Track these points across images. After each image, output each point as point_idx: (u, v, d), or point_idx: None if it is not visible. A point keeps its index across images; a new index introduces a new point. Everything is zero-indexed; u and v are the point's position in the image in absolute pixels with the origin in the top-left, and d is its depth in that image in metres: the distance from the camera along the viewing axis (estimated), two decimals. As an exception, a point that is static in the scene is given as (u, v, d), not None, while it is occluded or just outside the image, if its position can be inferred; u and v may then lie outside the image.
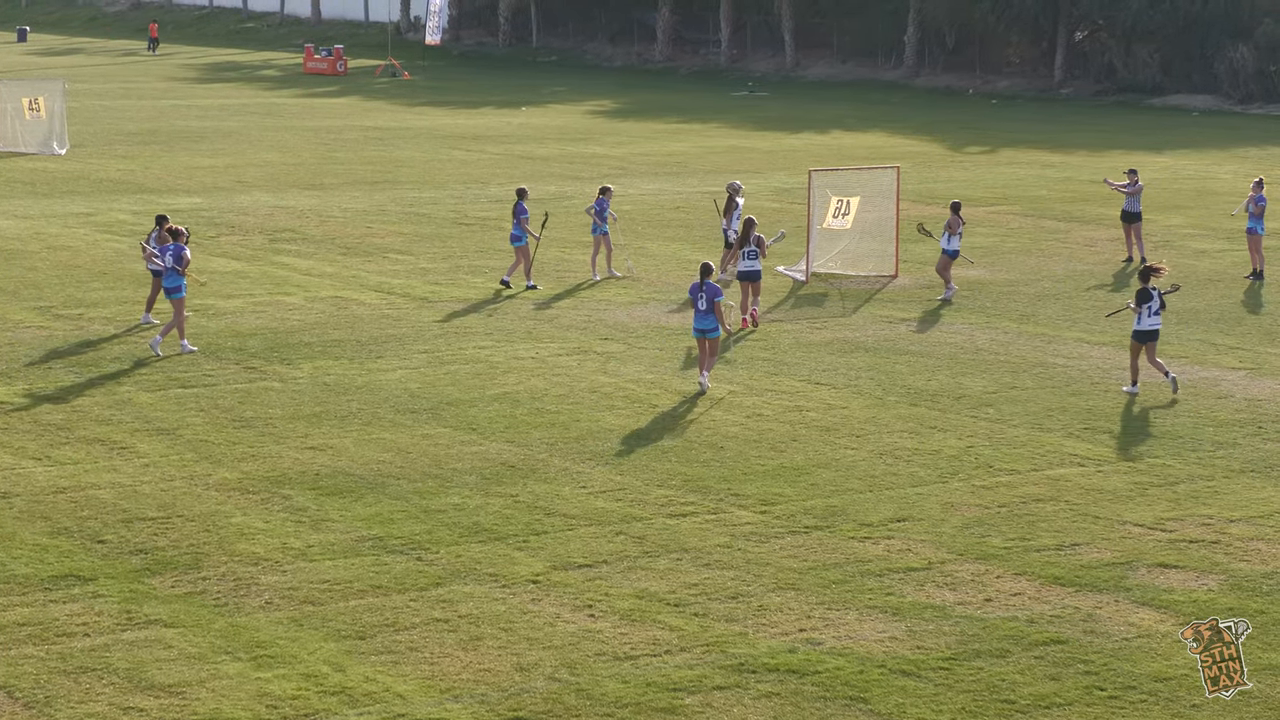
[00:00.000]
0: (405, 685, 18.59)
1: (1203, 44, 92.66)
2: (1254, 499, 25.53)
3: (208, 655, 19.26)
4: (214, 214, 49.81)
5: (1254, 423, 29.68)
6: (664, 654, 19.53)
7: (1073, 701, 18.53)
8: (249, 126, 74.47)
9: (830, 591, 21.54)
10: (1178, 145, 73.62)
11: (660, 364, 32.92)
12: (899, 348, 34.80)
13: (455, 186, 56.98)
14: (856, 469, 26.62)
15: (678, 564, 22.39)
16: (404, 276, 41.10)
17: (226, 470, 25.90)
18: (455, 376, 31.73)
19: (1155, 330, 31.32)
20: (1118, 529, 24.09)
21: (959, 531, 23.85)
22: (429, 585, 21.48)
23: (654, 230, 48.52)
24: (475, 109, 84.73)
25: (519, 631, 20.08)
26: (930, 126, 79.61)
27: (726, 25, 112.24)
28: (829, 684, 18.81)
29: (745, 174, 61.09)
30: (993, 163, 66.79)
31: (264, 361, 32.52)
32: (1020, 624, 20.61)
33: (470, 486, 25.34)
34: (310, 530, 23.35)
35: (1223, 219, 51.64)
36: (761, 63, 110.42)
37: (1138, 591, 21.74)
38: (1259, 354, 34.76)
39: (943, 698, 18.55)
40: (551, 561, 22.35)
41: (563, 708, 18.12)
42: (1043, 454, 27.67)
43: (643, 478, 25.96)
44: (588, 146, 69.68)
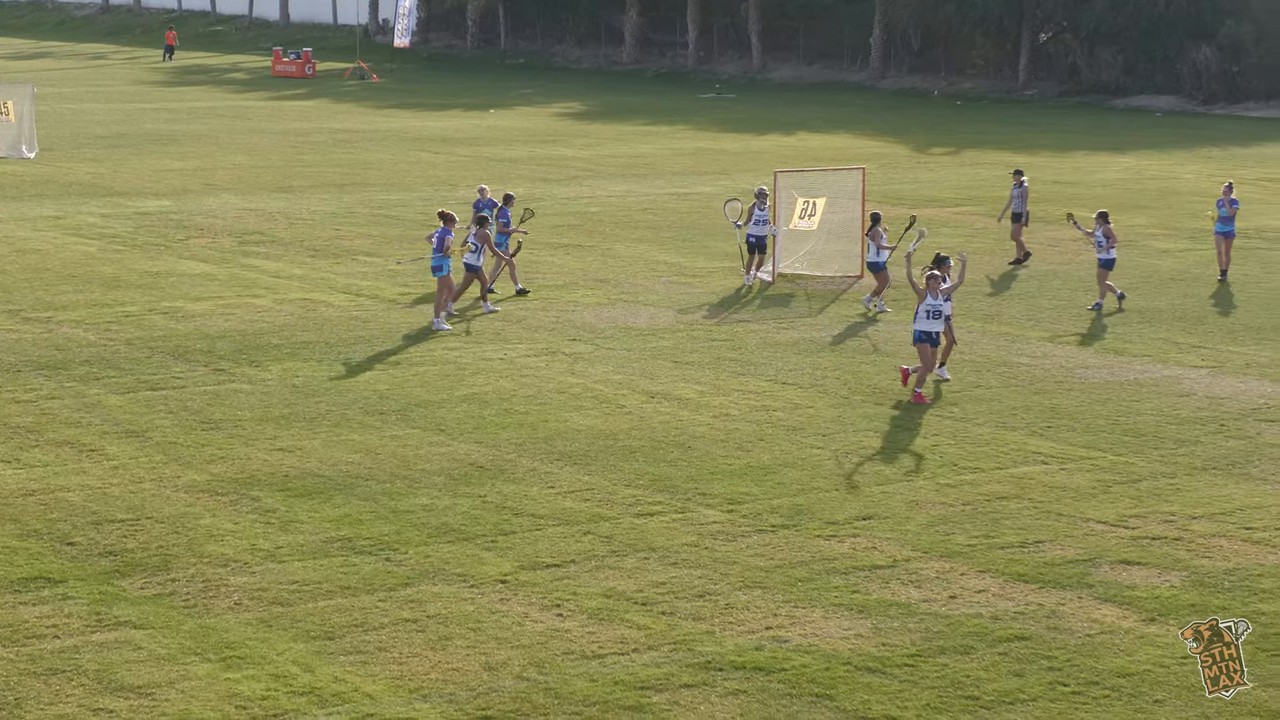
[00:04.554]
0: (374, 685, 18.59)
1: (1165, 45, 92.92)
2: (1216, 496, 25.63)
3: (177, 656, 19.24)
4: (183, 217, 49.73)
5: (1216, 420, 29.78)
6: (631, 652, 19.55)
7: (1036, 697, 18.58)
8: (217, 129, 74.36)
9: (796, 589, 21.57)
10: (1141, 146, 73.84)
11: (627, 364, 32.95)
12: (864, 347, 34.87)
13: (424, 189, 56.94)
14: (822, 468, 26.67)
15: (645, 563, 22.42)
16: (372, 278, 41.08)
17: (195, 472, 25.87)
18: (423, 378, 31.73)
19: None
20: (1081, 526, 24.17)
21: (924, 529, 23.91)
22: (397, 585, 21.48)
23: (622, 231, 48.54)
24: (443, 111, 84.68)
25: (487, 631, 20.09)
26: (895, 128, 79.73)
27: (693, 28, 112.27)
28: (795, 681, 18.85)
29: (711, 176, 61.25)
30: (957, 164, 66.91)
31: (233, 364, 32.49)
32: (984, 621, 20.66)
33: (438, 487, 25.34)
34: (279, 531, 23.34)
35: (1186, 219, 51.81)
36: (728, 65, 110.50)
37: (1101, 588, 21.81)
38: (1221, 352, 34.88)
39: (908, 694, 18.59)
40: (519, 561, 22.36)
41: (531, 707, 18.13)
42: (1006, 452, 27.75)
43: (610, 477, 25.99)
44: (556, 148, 69.69)
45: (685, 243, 47.07)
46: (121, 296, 38.21)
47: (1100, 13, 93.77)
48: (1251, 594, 21.66)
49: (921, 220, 42.03)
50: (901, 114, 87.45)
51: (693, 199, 55.31)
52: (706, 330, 36.11)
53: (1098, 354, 34.44)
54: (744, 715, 18.02)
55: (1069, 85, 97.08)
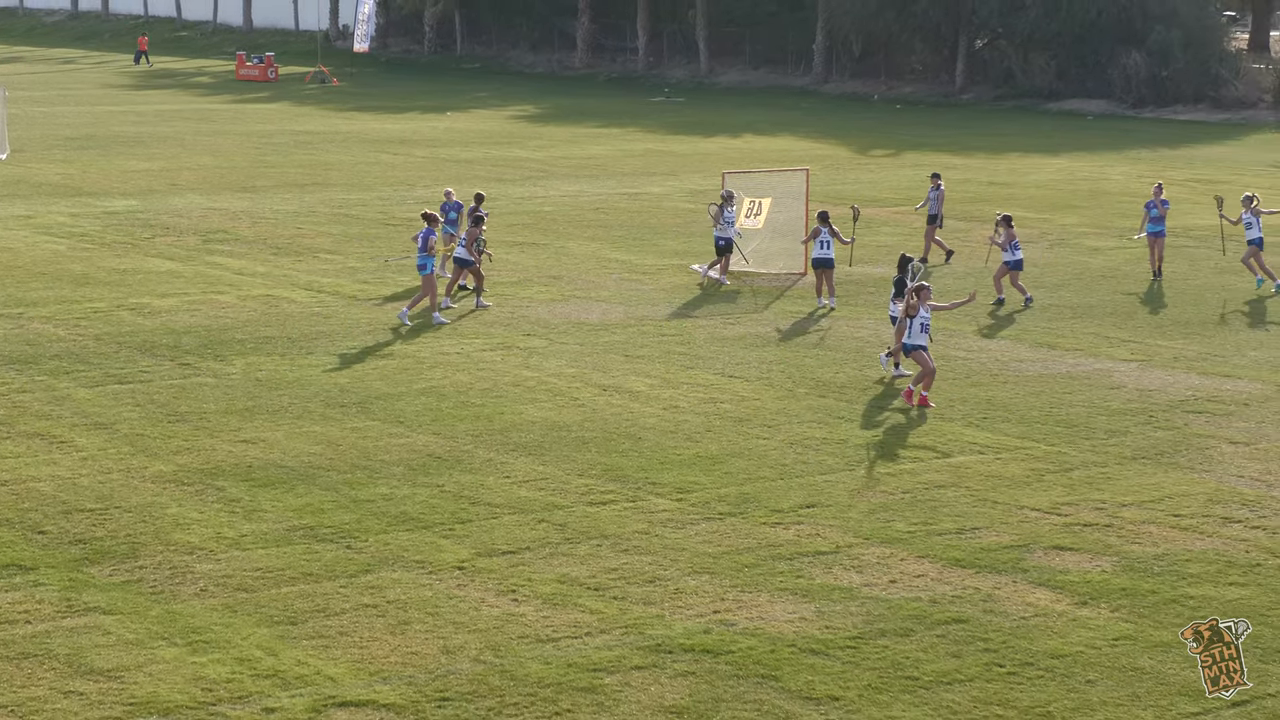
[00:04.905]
0: (336, 668, 18.56)
1: (1097, 51, 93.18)
2: (1145, 484, 25.73)
3: (145, 641, 19.19)
4: (149, 216, 49.55)
5: (1145, 412, 29.90)
6: (584, 636, 19.56)
7: (973, 678, 18.64)
8: (183, 131, 74.09)
9: (743, 575, 21.60)
10: (1073, 148, 74.06)
11: (580, 359, 32.94)
12: (809, 342, 34.93)
13: (383, 189, 56.83)
14: (768, 458, 26.70)
15: (598, 550, 22.43)
16: (333, 275, 40.99)
17: (162, 463, 25.79)
18: (383, 371, 31.67)
19: (894, 317, 31.59)
20: (1015, 513, 24.25)
21: (865, 517, 23.96)
22: (358, 572, 21.45)
23: (574, 230, 48.52)
24: (402, 114, 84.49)
25: (445, 616, 20.08)
26: (838, 131, 79.82)
27: (643, 34, 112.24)
28: (742, 663, 18.88)
29: (661, 176, 61.25)
30: (897, 165, 67.01)
31: (198, 358, 32.39)
32: (923, 604, 20.72)
33: (398, 477, 25.31)
34: (243, 520, 23.28)
35: (1117, 218, 51.98)
36: (677, 70, 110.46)
37: (1034, 573, 21.88)
38: (1150, 346, 35.01)
39: (850, 675, 18.64)
40: (476, 549, 22.35)
41: (487, 688, 18.13)
42: (944, 442, 27.82)
43: (564, 467, 25.98)
44: (510, 150, 69.61)
45: (635, 241, 47.07)
46: (90, 293, 38.06)
47: (1034, 20, 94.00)
48: (1180, 578, 21.76)
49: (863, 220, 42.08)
50: (843, 117, 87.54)
51: (643, 199, 55.31)
52: (656, 325, 36.12)
53: (1031, 348, 34.55)
54: (693, 696, 18.04)
55: (1004, 90, 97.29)
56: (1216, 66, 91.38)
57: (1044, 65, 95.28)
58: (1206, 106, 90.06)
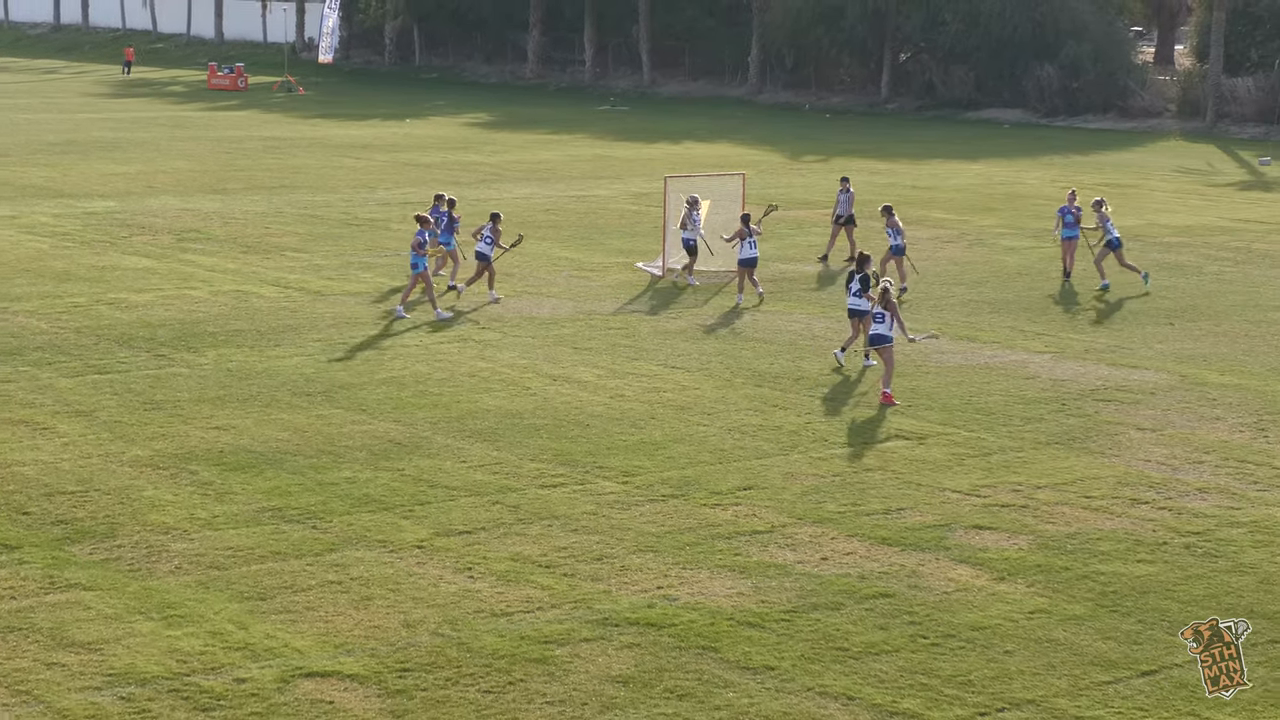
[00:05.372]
0: (302, 641, 18.47)
1: (1013, 64, 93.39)
2: (1059, 468, 25.80)
3: (123, 615, 19.06)
4: (126, 216, 49.23)
5: (1058, 400, 29.97)
6: (536, 610, 19.51)
7: (899, 649, 18.66)
8: (158, 137, 73.65)
9: (685, 553, 21.57)
10: (990, 155, 74.23)
11: (532, 351, 32.85)
12: (745, 335, 34.91)
13: (346, 191, 56.59)
14: (708, 443, 26.68)
15: (549, 530, 22.37)
16: (300, 272, 40.80)
17: (139, 448, 25.63)
18: (346, 363, 31.54)
19: (858, 310, 31.61)
20: (938, 495, 24.28)
21: (798, 498, 23.96)
22: (323, 551, 21.35)
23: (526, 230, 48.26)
24: (364, 121, 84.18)
25: (405, 592, 20.00)
26: (771, 138, 79.82)
27: (590, 47, 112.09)
28: (684, 635, 18.85)
29: (607, 180, 61.16)
30: (827, 170, 66.98)
31: (172, 350, 32.20)
32: (852, 580, 20.72)
33: (360, 462, 25.20)
34: (215, 502, 23.15)
35: (1031, 220, 52.10)
36: (622, 80, 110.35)
37: (956, 550, 21.91)
38: (1062, 339, 35.11)
39: (784, 646, 18.63)
40: (435, 529, 22.27)
41: (445, 660, 18.06)
42: (872, 429, 27.85)
43: (517, 453, 25.91)
44: (466, 155, 69.39)
45: (583, 240, 47.00)
46: (71, 289, 37.80)
47: (954, 35, 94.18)
48: (1091, 556, 21.82)
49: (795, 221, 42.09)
50: (777, 125, 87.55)
51: (590, 201, 55.21)
52: (603, 320, 36.06)
53: (952, 341, 34.59)
54: (638, 666, 18.01)
55: (926, 100, 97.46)
56: (1124, 78, 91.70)
57: (963, 77, 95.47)
58: (1115, 115, 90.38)
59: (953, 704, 17.32)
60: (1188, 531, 22.89)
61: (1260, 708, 17.14)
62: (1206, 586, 20.79)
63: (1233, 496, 24.54)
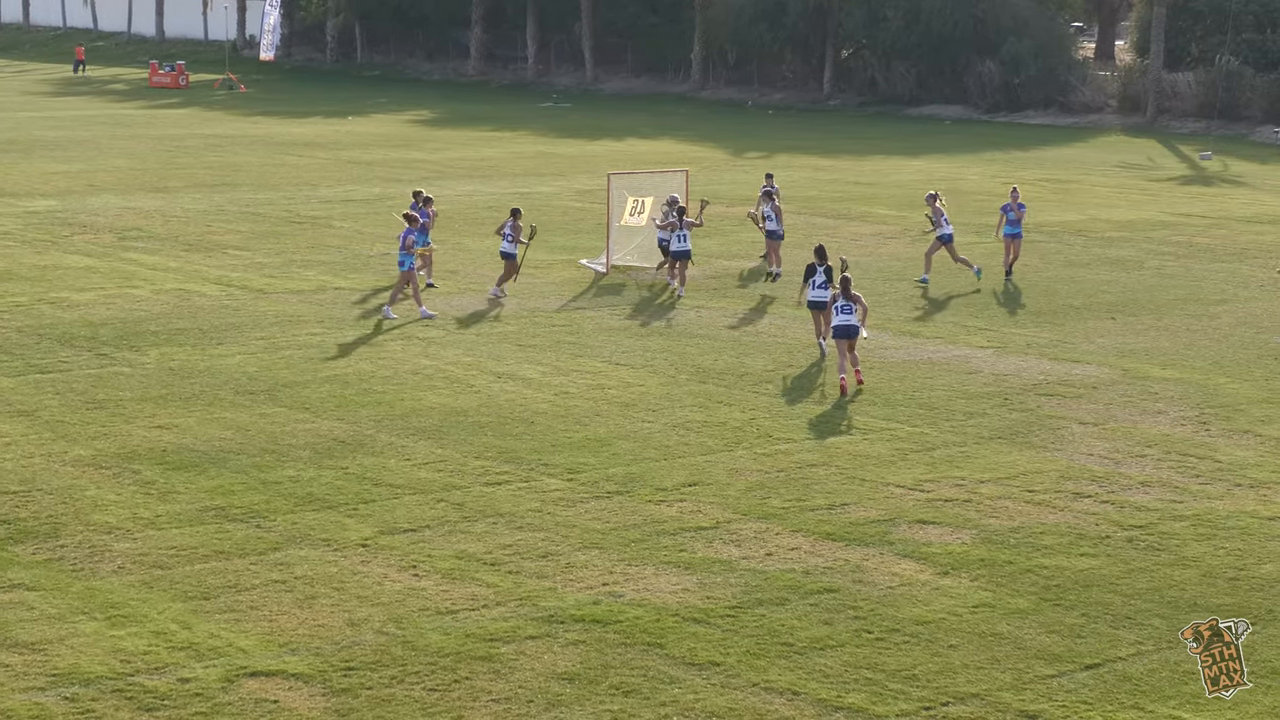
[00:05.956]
0: (247, 640, 18.40)
1: (953, 60, 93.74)
2: (1001, 462, 25.90)
3: (66, 615, 18.96)
4: (68, 215, 48.97)
5: (1000, 395, 30.09)
6: (482, 608, 19.48)
7: (844, 643, 18.70)
8: (99, 136, 73.28)
9: (630, 549, 21.58)
10: (932, 151, 74.46)
11: (476, 348, 32.81)
12: (690, 332, 34.93)
13: (288, 188, 56.41)
14: (653, 440, 26.68)
15: (494, 527, 22.34)
16: (242, 270, 40.64)
17: (81, 448, 25.49)
18: (289, 360, 31.43)
19: (821, 301, 31.80)
20: (882, 490, 24.34)
21: (743, 494, 23.98)
22: (267, 550, 21.27)
23: (469, 228, 48.29)
24: (305, 118, 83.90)
25: (350, 590, 19.95)
26: (714, 135, 79.91)
27: (533, 43, 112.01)
28: (629, 632, 18.85)
29: (550, 177, 61.13)
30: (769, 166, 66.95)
31: (114, 349, 32.04)
32: (797, 575, 20.76)
33: (304, 460, 25.13)
34: (158, 501, 23.05)
35: (972, 215, 52.24)
36: (564, 77, 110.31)
37: (900, 545, 21.97)
38: (1004, 334, 35.24)
39: (730, 641, 18.65)
40: (379, 527, 22.22)
41: (390, 658, 18.02)
42: (816, 424, 27.90)
43: (461, 450, 25.87)
44: (408, 152, 69.26)
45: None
46: (12, 288, 37.56)
47: (895, 32, 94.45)
48: (1035, 549, 21.90)
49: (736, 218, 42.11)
50: (719, 122, 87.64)
51: (533, 197, 55.13)
52: (547, 316, 36.03)
53: (895, 336, 34.70)
54: (583, 663, 18.01)
55: (868, 96, 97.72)
56: (1065, 74, 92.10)
57: (905, 74, 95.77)
58: (1055, 111, 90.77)
59: (898, 698, 17.37)
60: (1131, 525, 23.00)
61: (1204, 700, 17.23)
62: (1149, 580, 20.90)
63: (1175, 490, 24.68)
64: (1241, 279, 42.61)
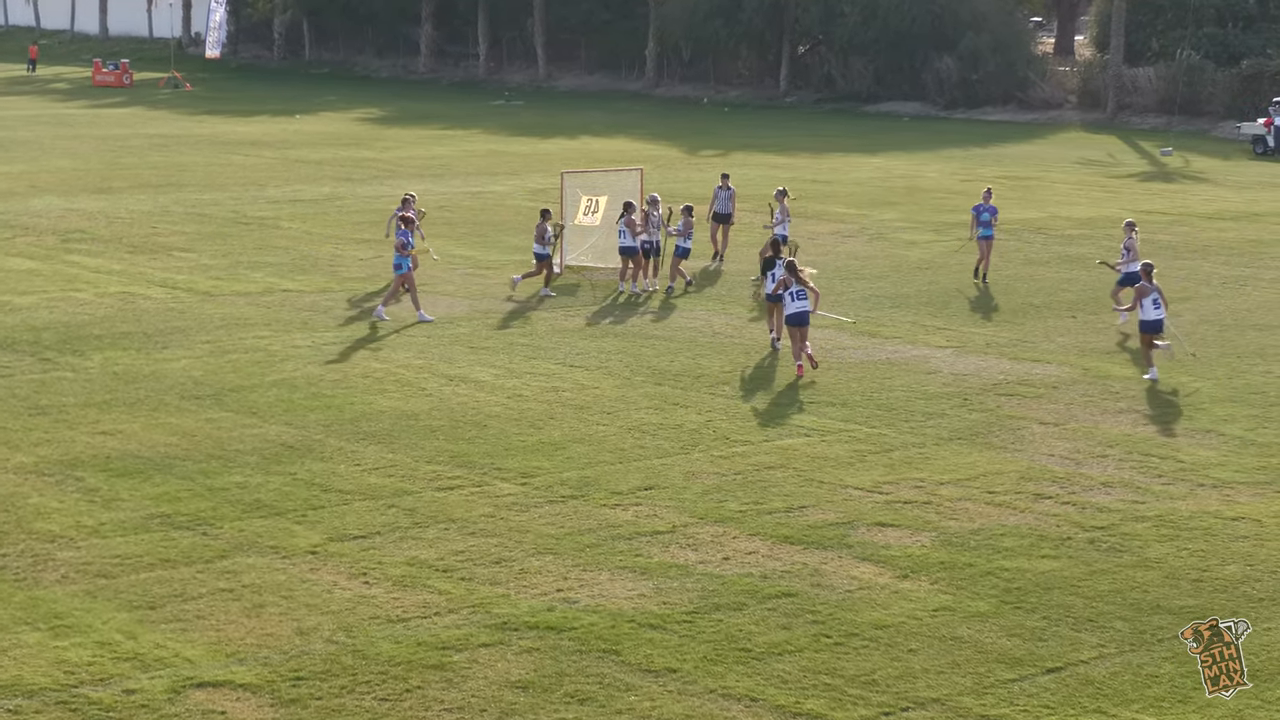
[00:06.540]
0: (194, 650, 18.31)
1: (911, 56, 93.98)
2: (961, 463, 25.94)
3: (8, 626, 18.84)
4: (9, 217, 48.72)
5: (960, 395, 30.14)
6: (434, 616, 19.43)
7: (803, 648, 18.69)
8: (41, 136, 72.94)
9: (585, 555, 21.54)
10: (890, 148, 74.61)
11: (427, 350, 32.74)
12: (645, 333, 34.92)
13: (235, 189, 56.22)
14: (608, 443, 26.66)
15: (445, 533, 22.29)
16: (187, 272, 40.48)
17: (23, 455, 25.35)
18: (236, 364, 31.31)
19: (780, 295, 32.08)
20: (840, 492, 24.35)
21: (700, 497, 23.97)
22: (214, 558, 21.18)
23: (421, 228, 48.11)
24: (252, 117, 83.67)
25: (299, 599, 19.87)
26: (669, 132, 79.93)
27: (484, 40, 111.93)
28: (585, 638, 18.82)
29: (503, 176, 61.06)
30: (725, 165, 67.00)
31: (57, 353, 31.87)
32: (755, 579, 20.75)
33: (252, 466, 25.02)
34: (102, 509, 22.92)
35: (931, 213, 52.33)
36: (517, 74, 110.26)
37: (859, 548, 21.98)
38: (963, 333, 35.31)
39: (687, 647, 18.63)
40: (328, 534, 22.14)
41: (340, 667, 17.95)
42: (773, 426, 27.91)
43: (412, 455, 25.80)
44: (358, 151, 69.12)
45: (479, 238, 46.90)
46: (-49, 291, 37.37)
47: (852, 27, 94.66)
48: (995, 552, 21.94)
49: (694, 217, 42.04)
50: (674, 120, 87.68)
51: (485, 197, 55.10)
52: (500, 318, 35.98)
53: (853, 336, 34.73)
54: (538, 670, 17.97)
55: (825, 93, 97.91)
56: (1024, 69, 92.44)
57: (862, 70, 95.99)
58: (1014, 107, 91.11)
59: (857, 704, 17.37)
60: (1092, 526, 23.06)
61: (1168, 704, 17.29)
62: (1111, 581, 20.95)
63: (1137, 490, 24.75)
64: (1203, 276, 42.79)
